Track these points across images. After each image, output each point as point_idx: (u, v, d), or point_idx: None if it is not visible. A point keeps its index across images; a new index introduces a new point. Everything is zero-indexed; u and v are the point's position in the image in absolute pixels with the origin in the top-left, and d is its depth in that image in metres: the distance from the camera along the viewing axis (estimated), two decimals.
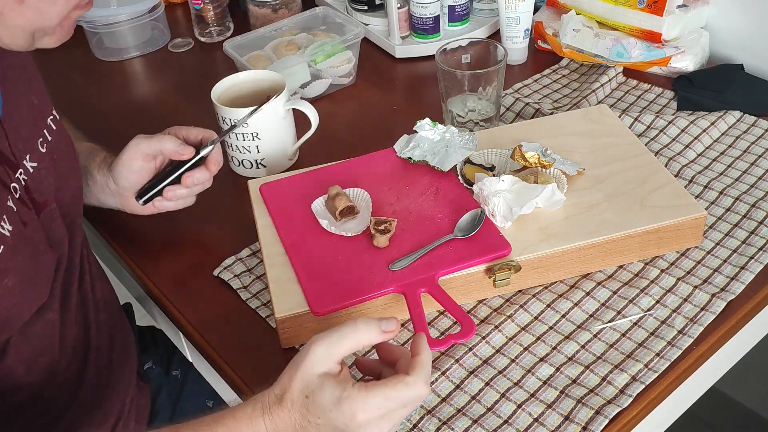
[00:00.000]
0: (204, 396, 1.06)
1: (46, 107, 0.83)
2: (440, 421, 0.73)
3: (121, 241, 0.99)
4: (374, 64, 1.28)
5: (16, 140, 0.75)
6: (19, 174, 0.75)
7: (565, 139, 0.96)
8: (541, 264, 0.82)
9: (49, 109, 0.83)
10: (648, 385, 0.75)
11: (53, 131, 0.82)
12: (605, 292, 0.84)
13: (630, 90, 1.15)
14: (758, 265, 0.85)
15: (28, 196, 0.75)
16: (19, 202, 0.73)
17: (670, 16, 1.12)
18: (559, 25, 1.21)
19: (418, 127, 0.95)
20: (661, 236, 0.85)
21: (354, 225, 0.86)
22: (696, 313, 0.81)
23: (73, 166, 0.86)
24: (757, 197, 0.93)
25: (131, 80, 1.34)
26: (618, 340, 0.79)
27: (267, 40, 1.24)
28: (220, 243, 0.95)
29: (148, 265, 0.95)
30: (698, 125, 1.04)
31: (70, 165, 0.85)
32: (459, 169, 0.91)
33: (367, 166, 0.94)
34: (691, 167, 0.99)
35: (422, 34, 1.26)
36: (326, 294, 0.79)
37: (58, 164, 0.82)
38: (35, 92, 0.81)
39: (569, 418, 0.72)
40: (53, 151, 0.81)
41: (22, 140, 0.76)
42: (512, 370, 0.77)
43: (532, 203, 0.84)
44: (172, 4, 1.51)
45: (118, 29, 1.35)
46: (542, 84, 1.19)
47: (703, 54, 1.17)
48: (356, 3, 1.33)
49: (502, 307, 0.83)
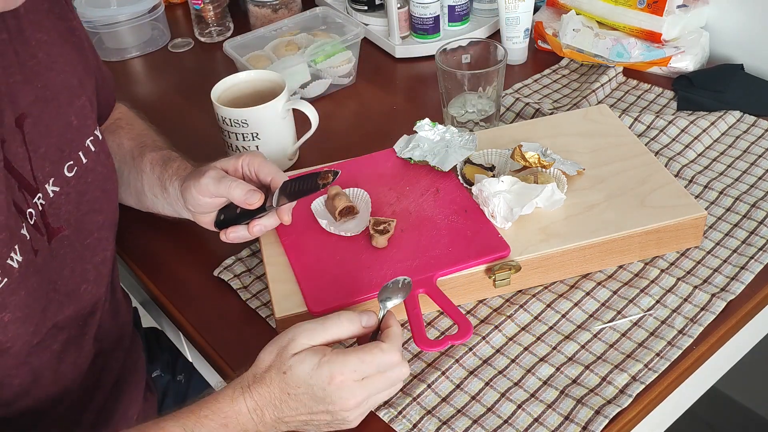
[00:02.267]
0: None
1: (87, 128, 0.80)
2: (440, 421, 0.73)
3: (122, 242, 0.98)
4: (374, 64, 1.28)
5: (41, 164, 0.73)
6: (37, 198, 0.72)
7: (565, 139, 0.96)
8: (541, 264, 0.82)
9: (91, 129, 0.80)
10: (648, 385, 0.74)
11: (91, 153, 0.79)
12: (605, 292, 0.84)
13: (630, 90, 1.15)
14: (758, 265, 0.85)
15: (43, 221, 0.73)
16: (33, 228, 0.71)
17: (670, 16, 1.12)
18: (559, 25, 1.21)
19: (418, 127, 0.95)
20: (661, 236, 0.85)
21: (353, 225, 0.86)
22: (696, 313, 0.80)
23: (110, 188, 0.83)
24: (757, 197, 0.93)
25: (131, 80, 1.34)
26: (618, 340, 0.79)
27: (267, 40, 1.24)
28: (220, 243, 0.95)
29: (149, 265, 0.95)
30: (698, 125, 1.04)
31: (105, 187, 0.81)
32: (459, 170, 0.91)
33: (367, 166, 0.94)
34: (691, 167, 0.99)
35: (422, 34, 1.26)
36: (324, 294, 0.79)
37: (90, 188, 0.79)
38: (77, 112, 0.78)
39: (569, 418, 0.72)
40: (87, 174, 0.78)
41: (49, 163, 0.74)
42: (512, 370, 0.77)
43: (532, 203, 0.84)
44: (172, 4, 1.51)
45: (118, 29, 1.35)
46: (542, 84, 1.19)
47: (703, 54, 1.17)
48: (356, 3, 1.33)
49: (502, 307, 0.83)
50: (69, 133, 0.77)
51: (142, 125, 0.98)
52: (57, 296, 0.75)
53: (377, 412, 0.74)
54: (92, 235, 0.79)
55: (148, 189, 0.91)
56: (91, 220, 0.79)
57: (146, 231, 0.98)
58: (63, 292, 0.76)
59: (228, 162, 0.84)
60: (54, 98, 0.75)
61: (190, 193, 0.84)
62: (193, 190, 0.83)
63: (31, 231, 0.71)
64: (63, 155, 0.76)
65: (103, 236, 0.81)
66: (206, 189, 0.82)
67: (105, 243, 0.82)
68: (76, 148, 0.77)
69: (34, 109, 0.72)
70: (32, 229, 0.71)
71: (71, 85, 0.78)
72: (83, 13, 1.33)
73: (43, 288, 0.72)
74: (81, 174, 0.77)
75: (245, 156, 0.84)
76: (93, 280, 0.80)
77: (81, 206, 0.78)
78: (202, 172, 0.83)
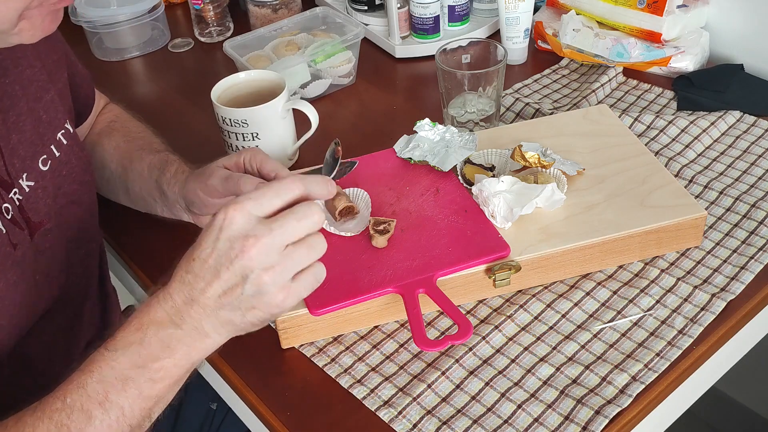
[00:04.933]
0: (207, 398, 1.06)
1: (58, 121, 0.80)
2: (440, 421, 0.73)
3: (122, 242, 0.98)
4: (374, 64, 1.28)
5: (12, 159, 0.73)
6: (13, 194, 0.73)
7: (565, 139, 0.96)
8: (541, 264, 0.82)
9: (62, 123, 0.80)
10: (648, 385, 0.74)
11: (63, 146, 0.79)
12: (605, 292, 0.84)
13: (630, 90, 1.15)
14: (758, 265, 0.85)
15: (22, 216, 0.73)
16: (10, 222, 0.71)
17: (670, 16, 1.12)
18: (559, 25, 1.21)
19: (418, 127, 0.95)
20: (661, 236, 0.85)
21: (353, 225, 0.86)
22: (696, 313, 0.80)
23: (87, 180, 0.82)
24: (757, 197, 0.93)
25: (131, 80, 1.34)
26: (618, 340, 0.79)
27: (267, 40, 1.24)
28: None
29: (149, 265, 0.95)
30: (698, 125, 1.04)
31: (82, 179, 0.81)
32: (459, 170, 0.91)
33: (367, 166, 0.94)
34: (691, 167, 0.98)
35: (422, 34, 1.26)
36: (324, 294, 0.79)
37: (66, 181, 0.79)
38: (46, 106, 0.78)
39: (569, 418, 0.72)
40: (61, 167, 0.78)
41: (20, 159, 0.74)
42: (512, 370, 0.77)
43: (533, 203, 0.84)
44: (172, 4, 1.51)
45: (118, 29, 1.35)
46: (542, 84, 1.19)
47: (703, 54, 1.17)
48: (356, 3, 1.33)
49: (502, 307, 0.83)
50: (39, 128, 0.76)
51: (138, 126, 0.97)
52: (46, 289, 0.75)
53: (377, 412, 0.74)
54: (75, 228, 0.79)
55: (146, 193, 0.91)
56: (70, 213, 0.79)
57: (146, 231, 0.98)
58: (51, 284, 0.76)
59: (230, 160, 0.83)
60: (23, 94, 0.75)
61: (197, 196, 0.83)
62: (200, 194, 0.82)
63: (8, 225, 0.71)
64: (36, 150, 0.76)
65: (86, 228, 0.81)
66: (215, 190, 0.81)
67: (89, 235, 0.82)
68: (48, 142, 0.77)
69: (2, 105, 0.73)
70: (9, 224, 0.71)
71: (40, 79, 0.78)
72: (83, 13, 1.33)
73: (26, 281, 0.72)
74: (56, 167, 0.77)
75: (246, 152, 0.82)
76: (80, 272, 0.80)
77: (58, 199, 0.77)
78: (206, 174, 0.82)
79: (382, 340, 0.81)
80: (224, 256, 0.58)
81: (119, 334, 0.61)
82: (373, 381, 0.77)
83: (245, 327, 0.62)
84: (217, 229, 0.59)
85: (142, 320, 0.61)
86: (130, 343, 0.60)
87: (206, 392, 1.04)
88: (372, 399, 0.75)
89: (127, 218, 0.99)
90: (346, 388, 0.77)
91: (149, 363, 0.60)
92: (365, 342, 0.81)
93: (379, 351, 0.80)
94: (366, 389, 0.76)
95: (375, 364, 0.79)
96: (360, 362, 0.79)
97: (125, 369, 0.60)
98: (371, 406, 0.75)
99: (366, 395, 0.76)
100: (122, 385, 0.60)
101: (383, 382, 0.77)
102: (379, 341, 0.81)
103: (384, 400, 0.75)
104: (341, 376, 0.78)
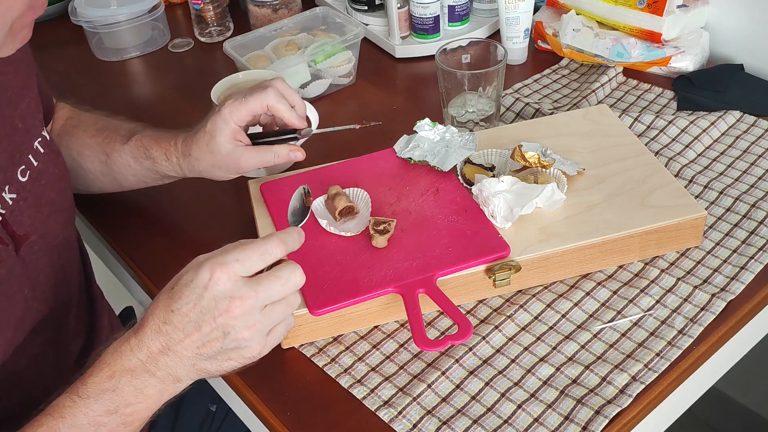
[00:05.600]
0: (206, 400, 1.05)
1: (35, 129, 0.78)
2: (440, 421, 0.73)
3: (121, 242, 0.98)
4: (374, 64, 1.28)
5: None
6: None
7: (565, 139, 0.96)
8: (541, 264, 0.82)
9: (38, 130, 0.78)
10: (648, 385, 0.74)
11: (40, 155, 0.78)
12: (605, 292, 0.84)
13: (630, 90, 1.15)
14: (758, 265, 0.85)
15: (6, 230, 0.71)
16: None
17: (670, 16, 1.12)
18: (559, 25, 1.21)
19: (418, 127, 0.95)
20: (661, 236, 0.85)
21: (353, 225, 0.86)
22: (696, 313, 0.80)
23: (64, 186, 0.81)
24: (757, 197, 0.93)
25: (131, 80, 1.34)
26: (618, 340, 0.79)
27: (267, 40, 1.24)
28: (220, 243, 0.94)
29: (149, 265, 0.95)
30: (698, 125, 1.04)
31: (59, 186, 0.80)
32: (459, 170, 0.91)
33: (367, 166, 0.94)
34: (691, 167, 0.99)
35: (422, 34, 1.26)
36: (324, 294, 0.79)
37: (46, 189, 0.77)
38: (22, 114, 0.76)
39: (569, 418, 0.72)
40: (40, 176, 0.77)
41: (1, 170, 0.72)
42: (512, 370, 0.77)
43: (533, 203, 0.84)
44: (172, 4, 1.51)
45: (118, 29, 1.35)
46: (542, 84, 1.19)
47: (703, 54, 1.17)
48: (356, 3, 1.33)
49: (502, 307, 0.83)
50: (16, 137, 0.75)
51: (95, 118, 0.95)
52: (34, 303, 0.75)
53: (377, 413, 0.74)
54: (58, 237, 0.79)
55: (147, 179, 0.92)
56: (54, 222, 0.78)
57: (146, 231, 0.98)
58: (38, 297, 0.75)
59: (246, 112, 0.83)
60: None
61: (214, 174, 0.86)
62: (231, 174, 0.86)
63: None
64: (14, 161, 0.74)
65: (66, 235, 0.81)
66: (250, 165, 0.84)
67: (69, 242, 0.81)
68: (26, 152, 0.76)
69: None
70: None
71: (14, 86, 0.76)
72: (83, 13, 1.33)
73: (12, 297, 0.71)
74: (35, 177, 0.76)
75: (267, 99, 0.83)
76: (63, 280, 0.80)
77: (42, 209, 0.77)
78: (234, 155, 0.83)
79: (382, 340, 0.81)
80: (208, 313, 0.61)
81: (90, 380, 0.62)
82: (373, 381, 0.77)
83: (218, 373, 0.65)
84: (201, 287, 0.61)
85: (114, 368, 0.62)
86: (102, 391, 0.62)
87: (205, 394, 1.04)
88: (372, 399, 0.75)
89: (126, 218, 0.99)
90: (346, 388, 0.77)
91: (122, 408, 0.62)
92: (365, 342, 0.81)
93: (379, 351, 0.80)
94: (366, 389, 0.76)
95: (375, 364, 0.79)
96: (360, 362, 0.79)
97: (98, 416, 0.62)
98: (371, 406, 0.75)
99: (366, 395, 0.76)
100: (95, 430, 0.62)
101: (383, 382, 0.77)
102: (379, 341, 0.81)
103: (384, 400, 0.75)
104: (341, 376, 0.78)
